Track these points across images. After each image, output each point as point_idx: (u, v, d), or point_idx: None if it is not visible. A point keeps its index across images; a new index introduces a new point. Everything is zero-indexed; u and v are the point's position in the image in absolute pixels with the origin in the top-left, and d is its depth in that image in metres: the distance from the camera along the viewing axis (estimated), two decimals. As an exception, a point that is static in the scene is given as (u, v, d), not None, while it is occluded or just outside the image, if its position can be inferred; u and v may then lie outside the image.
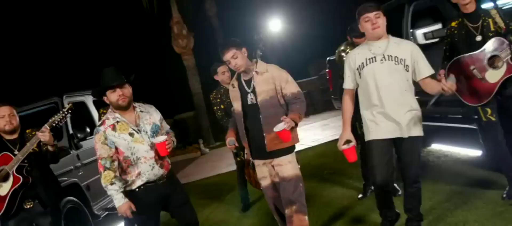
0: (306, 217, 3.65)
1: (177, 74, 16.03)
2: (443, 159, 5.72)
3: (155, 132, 3.53)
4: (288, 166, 3.66)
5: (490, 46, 3.74)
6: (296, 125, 3.53)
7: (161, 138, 3.42)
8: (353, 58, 3.60)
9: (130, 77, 3.54)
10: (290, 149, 3.71)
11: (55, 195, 4.29)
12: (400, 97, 3.42)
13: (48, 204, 4.09)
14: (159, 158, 3.47)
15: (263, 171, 3.81)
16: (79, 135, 5.73)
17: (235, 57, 3.61)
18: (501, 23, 3.69)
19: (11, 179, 3.86)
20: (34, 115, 4.19)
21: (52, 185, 4.26)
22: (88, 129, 5.88)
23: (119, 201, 3.38)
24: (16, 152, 3.94)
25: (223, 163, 9.81)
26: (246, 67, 3.68)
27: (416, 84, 3.53)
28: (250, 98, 3.71)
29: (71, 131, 5.66)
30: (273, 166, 3.75)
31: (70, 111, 3.98)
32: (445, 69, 3.90)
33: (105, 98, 3.49)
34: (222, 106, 5.30)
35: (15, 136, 4.08)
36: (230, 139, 3.93)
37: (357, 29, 3.66)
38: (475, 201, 4.09)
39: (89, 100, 6.43)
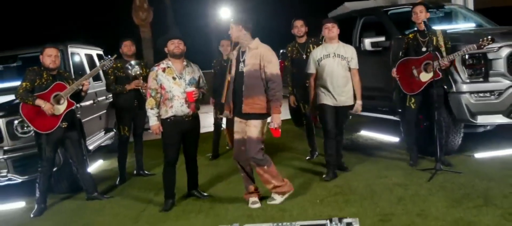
0: (261, 169, 4.64)
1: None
2: (370, 142, 7.39)
3: (191, 83, 4.78)
4: (252, 129, 4.54)
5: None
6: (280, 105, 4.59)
7: (191, 89, 4.70)
8: (315, 52, 5.40)
9: (187, 40, 4.85)
10: (259, 116, 4.55)
11: (77, 122, 5.39)
12: (341, 82, 5.27)
13: (74, 128, 5.19)
14: (187, 101, 4.71)
15: (238, 127, 4.71)
16: (79, 80, 6.70)
17: (231, 28, 4.58)
18: (441, 42, 5.23)
19: (65, 103, 4.92)
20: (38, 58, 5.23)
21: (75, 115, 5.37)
22: (85, 77, 6.91)
23: (153, 121, 4.72)
24: None
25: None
26: (239, 40, 4.58)
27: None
28: (241, 67, 4.58)
29: (73, 76, 6.60)
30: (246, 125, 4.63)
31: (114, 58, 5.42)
32: (395, 67, 5.53)
33: (166, 49, 4.76)
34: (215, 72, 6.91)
35: (55, 72, 5.09)
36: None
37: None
38: (391, 166, 5.71)
39: (82, 52, 7.49)
